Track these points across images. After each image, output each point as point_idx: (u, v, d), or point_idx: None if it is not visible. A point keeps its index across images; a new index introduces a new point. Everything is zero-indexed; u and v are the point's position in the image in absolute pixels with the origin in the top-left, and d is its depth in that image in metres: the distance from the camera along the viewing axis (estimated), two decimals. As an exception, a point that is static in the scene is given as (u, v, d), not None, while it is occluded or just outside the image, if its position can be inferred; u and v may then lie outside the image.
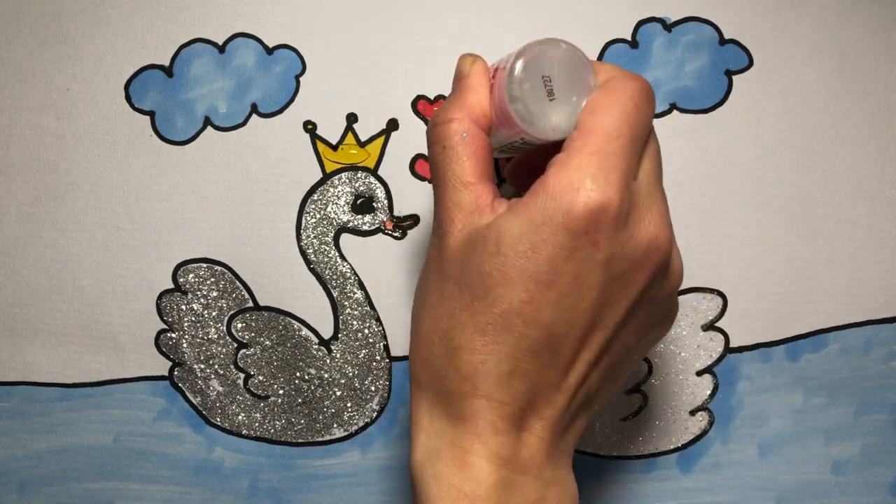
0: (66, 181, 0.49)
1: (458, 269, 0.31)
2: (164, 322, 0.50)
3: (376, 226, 0.49)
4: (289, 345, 0.50)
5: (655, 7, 0.49)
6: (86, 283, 0.49)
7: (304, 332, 0.50)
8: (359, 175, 0.49)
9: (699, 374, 0.50)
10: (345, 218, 0.49)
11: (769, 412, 0.50)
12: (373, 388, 0.50)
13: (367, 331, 0.50)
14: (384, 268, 0.49)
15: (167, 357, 0.50)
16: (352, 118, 0.49)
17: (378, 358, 0.50)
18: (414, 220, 0.49)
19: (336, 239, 0.49)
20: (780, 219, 0.49)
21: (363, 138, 0.49)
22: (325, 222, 0.49)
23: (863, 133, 0.49)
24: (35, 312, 0.50)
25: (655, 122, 0.49)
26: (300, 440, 0.51)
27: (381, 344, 0.50)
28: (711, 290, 0.49)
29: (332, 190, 0.49)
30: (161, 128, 0.49)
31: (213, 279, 0.49)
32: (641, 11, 0.49)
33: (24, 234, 0.50)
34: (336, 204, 0.49)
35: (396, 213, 0.49)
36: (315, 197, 0.49)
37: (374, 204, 0.49)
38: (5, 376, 0.51)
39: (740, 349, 0.50)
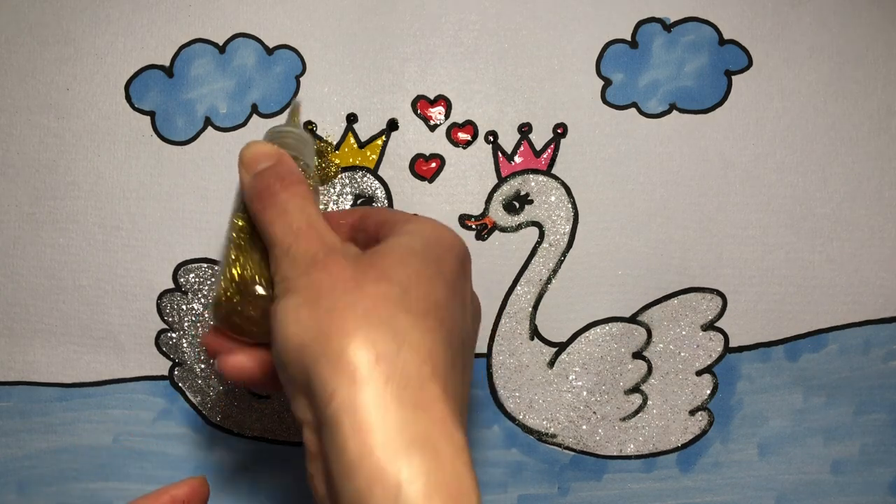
0: (66, 181, 0.49)
1: (381, 267, 0.30)
2: (165, 322, 0.50)
3: (376, 226, 0.49)
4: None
5: (655, 7, 0.49)
6: (86, 283, 0.49)
7: (305, 331, 0.50)
8: (359, 175, 0.49)
9: (699, 373, 0.50)
10: (345, 218, 0.49)
11: (769, 412, 0.50)
12: (373, 388, 0.50)
13: (367, 331, 0.50)
14: (384, 268, 0.49)
15: (167, 357, 0.50)
16: (352, 118, 0.49)
17: (378, 358, 0.50)
18: (414, 220, 0.49)
19: (336, 239, 0.49)
20: (779, 219, 0.49)
21: (363, 138, 0.49)
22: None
23: (862, 133, 0.49)
24: (35, 312, 0.50)
25: (656, 122, 0.49)
26: (300, 440, 0.51)
27: (382, 344, 0.50)
28: (711, 290, 0.49)
29: (332, 190, 0.49)
30: (161, 128, 0.49)
31: (213, 279, 0.49)
32: (641, 11, 0.49)
33: (24, 234, 0.50)
34: (336, 204, 0.49)
35: (396, 213, 0.49)
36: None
37: (374, 204, 0.49)
38: (5, 376, 0.51)
39: (740, 349, 0.50)
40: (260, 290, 0.34)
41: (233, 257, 0.36)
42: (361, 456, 0.26)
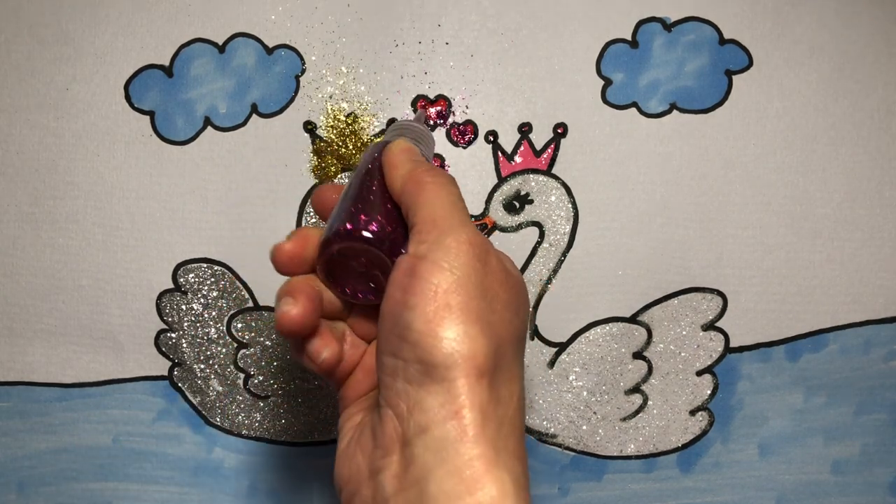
0: (65, 181, 0.49)
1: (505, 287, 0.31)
2: (164, 322, 0.50)
3: (376, 226, 0.49)
4: (289, 345, 0.50)
5: (655, 7, 0.49)
6: (86, 283, 0.49)
7: (304, 332, 0.50)
8: (359, 175, 0.49)
9: (699, 373, 0.50)
10: (345, 218, 0.49)
11: (769, 412, 0.50)
12: (373, 388, 0.50)
13: (367, 331, 0.50)
14: (384, 268, 0.49)
15: (167, 357, 0.50)
16: (352, 118, 0.49)
17: (378, 358, 0.50)
18: (414, 219, 0.49)
19: (336, 239, 0.49)
20: (779, 219, 0.49)
21: (364, 138, 0.49)
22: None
23: (863, 133, 0.49)
24: (35, 312, 0.50)
25: (656, 122, 0.49)
26: (300, 440, 0.51)
27: (382, 344, 0.50)
28: (711, 290, 0.49)
29: (332, 190, 0.49)
30: (161, 128, 0.49)
31: (213, 279, 0.49)
32: (641, 11, 0.49)
33: (24, 234, 0.49)
34: (336, 204, 0.49)
35: (396, 213, 0.49)
36: (315, 197, 0.49)
37: (374, 204, 0.49)
38: (5, 376, 0.51)
39: (740, 349, 0.50)
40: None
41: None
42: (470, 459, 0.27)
